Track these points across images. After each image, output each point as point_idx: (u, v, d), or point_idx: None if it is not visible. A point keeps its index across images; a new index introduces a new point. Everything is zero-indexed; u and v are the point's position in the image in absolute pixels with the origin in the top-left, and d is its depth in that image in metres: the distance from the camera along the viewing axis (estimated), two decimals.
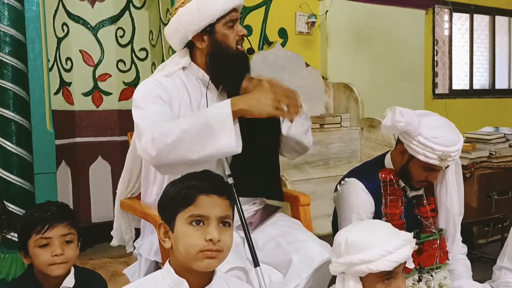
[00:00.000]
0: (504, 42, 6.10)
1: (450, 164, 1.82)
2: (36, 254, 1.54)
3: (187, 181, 1.25)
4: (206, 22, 1.74)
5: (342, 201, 1.97)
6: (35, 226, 1.53)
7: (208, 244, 1.18)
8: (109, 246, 2.08)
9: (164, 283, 1.23)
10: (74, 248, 1.59)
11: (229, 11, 1.76)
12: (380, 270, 1.36)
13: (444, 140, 1.78)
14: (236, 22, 1.80)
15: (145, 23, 3.51)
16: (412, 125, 1.78)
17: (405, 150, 1.87)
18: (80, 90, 3.40)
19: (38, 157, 2.57)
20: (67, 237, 1.57)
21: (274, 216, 1.89)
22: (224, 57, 1.78)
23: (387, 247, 1.38)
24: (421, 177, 1.88)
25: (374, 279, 1.39)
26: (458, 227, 2.02)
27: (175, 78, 1.81)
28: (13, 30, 2.45)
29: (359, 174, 1.99)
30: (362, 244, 1.40)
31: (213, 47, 1.78)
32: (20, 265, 2.42)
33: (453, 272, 1.98)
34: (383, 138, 3.64)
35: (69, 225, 1.58)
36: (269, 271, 1.71)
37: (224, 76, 1.80)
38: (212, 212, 1.20)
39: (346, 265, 1.40)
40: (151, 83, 1.78)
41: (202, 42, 1.78)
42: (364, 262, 1.37)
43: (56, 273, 1.54)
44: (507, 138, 3.92)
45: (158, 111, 1.67)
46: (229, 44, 1.78)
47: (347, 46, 4.41)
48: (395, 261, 1.37)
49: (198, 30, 1.75)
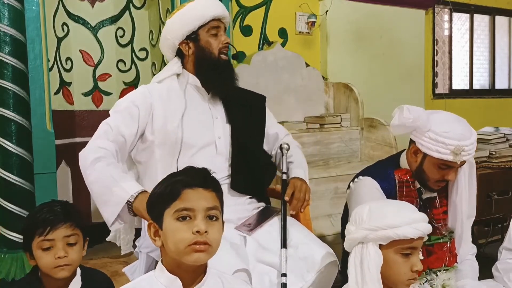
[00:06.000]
0: (504, 42, 6.10)
1: (465, 158, 1.78)
2: (39, 257, 1.52)
3: (172, 177, 1.28)
4: (189, 28, 1.93)
5: (355, 199, 1.94)
6: (37, 228, 1.51)
7: (195, 236, 1.18)
8: (109, 246, 2.08)
9: (158, 283, 1.24)
10: (78, 250, 1.56)
11: (209, 20, 1.94)
12: (406, 236, 1.37)
13: (455, 134, 1.75)
14: (219, 30, 1.97)
15: (145, 23, 3.50)
16: (420, 120, 1.76)
17: (418, 149, 1.84)
18: (80, 90, 3.40)
19: (38, 157, 2.57)
20: (71, 239, 1.54)
21: (276, 217, 1.89)
22: (208, 64, 1.95)
23: (412, 215, 1.40)
24: (437, 176, 1.84)
25: (394, 250, 1.39)
26: (467, 229, 1.99)
27: (166, 83, 1.97)
28: (13, 30, 2.45)
29: (373, 173, 1.95)
30: (388, 211, 1.41)
31: (198, 53, 1.96)
32: (20, 265, 2.42)
33: (459, 272, 1.96)
34: (383, 138, 3.64)
35: (73, 226, 1.55)
36: (269, 271, 1.71)
37: (210, 81, 1.97)
38: (198, 204, 1.21)
39: (370, 230, 1.39)
40: (138, 92, 1.95)
41: (188, 49, 1.96)
42: (390, 227, 1.37)
43: (60, 275, 1.52)
44: (507, 138, 3.91)
45: (113, 124, 1.84)
46: (212, 51, 1.95)
47: (347, 46, 4.41)
48: (420, 230, 1.38)
49: (183, 36, 1.94)
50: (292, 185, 1.90)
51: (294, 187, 1.89)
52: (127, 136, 1.85)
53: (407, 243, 1.39)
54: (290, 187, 1.90)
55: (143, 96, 1.91)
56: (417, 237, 1.39)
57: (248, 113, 2.04)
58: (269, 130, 2.12)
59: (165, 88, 1.95)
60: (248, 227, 1.82)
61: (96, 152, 1.76)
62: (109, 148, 1.79)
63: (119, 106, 1.91)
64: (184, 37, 1.94)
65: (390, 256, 1.40)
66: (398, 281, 1.41)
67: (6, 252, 2.45)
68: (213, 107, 2.00)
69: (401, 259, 1.40)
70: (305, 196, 1.89)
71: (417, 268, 1.40)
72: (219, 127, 1.97)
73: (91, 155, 1.75)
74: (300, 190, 1.89)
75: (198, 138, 1.91)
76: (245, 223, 1.85)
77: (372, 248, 1.39)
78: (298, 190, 1.89)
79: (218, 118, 1.98)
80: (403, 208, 1.45)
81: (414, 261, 1.40)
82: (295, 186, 1.90)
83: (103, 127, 1.86)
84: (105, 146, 1.79)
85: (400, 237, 1.37)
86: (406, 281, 1.41)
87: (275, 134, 2.14)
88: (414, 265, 1.40)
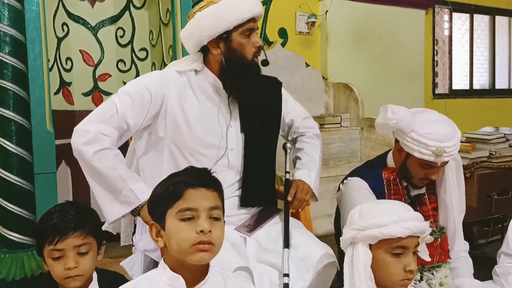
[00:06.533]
0: (504, 42, 6.10)
1: (447, 159, 1.80)
2: (50, 265, 1.45)
3: (173, 178, 1.26)
4: (222, 29, 1.74)
5: (346, 200, 1.96)
6: (47, 236, 1.43)
7: (199, 236, 1.19)
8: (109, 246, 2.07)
9: (160, 281, 1.24)
10: (90, 259, 1.47)
11: (246, 20, 1.75)
12: (392, 235, 1.34)
13: (438, 135, 1.76)
14: (253, 32, 1.79)
15: (145, 23, 3.50)
16: (403, 121, 1.78)
17: (402, 148, 1.86)
18: (80, 90, 3.39)
19: (38, 157, 2.57)
20: (82, 248, 1.45)
21: (275, 217, 1.90)
22: (238, 67, 1.78)
23: (400, 214, 1.37)
24: (421, 175, 1.87)
25: (384, 250, 1.37)
26: (459, 225, 2.01)
27: (183, 76, 1.82)
28: (13, 30, 2.44)
29: (362, 174, 1.98)
30: (376, 211, 1.40)
31: (228, 55, 1.78)
32: (20, 265, 2.42)
33: (454, 270, 1.97)
34: (383, 138, 3.65)
35: (84, 233, 1.45)
36: (269, 272, 1.71)
37: (235, 85, 1.80)
38: (201, 204, 1.21)
39: (358, 230, 1.38)
40: (153, 78, 1.80)
41: (217, 49, 1.78)
42: (376, 226, 1.35)
43: (71, 286, 1.45)
44: (507, 138, 3.92)
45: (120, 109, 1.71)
46: (245, 54, 1.78)
47: (347, 46, 4.41)
48: (408, 229, 1.34)
49: (214, 36, 1.75)
50: (295, 185, 1.91)
51: (297, 187, 1.90)
52: (132, 125, 1.73)
53: (395, 242, 1.36)
54: (293, 187, 1.90)
55: (158, 85, 1.76)
56: (405, 236, 1.35)
57: (263, 116, 1.91)
58: (285, 118, 2.05)
59: (183, 82, 1.81)
60: (248, 228, 1.82)
61: (100, 142, 1.64)
62: (113, 136, 1.68)
63: (131, 88, 1.77)
64: (215, 36, 1.76)
65: (380, 256, 1.38)
66: (391, 281, 1.38)
67: (6, 252, 2.45)
68: (229, 112, 1.86)
69: (391, 259, 1.37)
70: (306, 197, 1.90)
71: (410, 268, 1.35)
72: (232, 138, 1.85)
73: (95, 146, 1.63)
74: (302, 190, 1.90)
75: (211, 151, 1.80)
76: (245, 224, 1.84)
77: (361, 248, 1.38)
78: (300, 190, 1.89)
79: (232, 127, 1.86)
80: (393, 208, 1.42)
81: (407, 261, 1.36)
82: (298, 186, 1.90)
83: (109, 110, 1.71)
84: (110, 134, 1.67)
85: (386, 236, 1.34)
86: (399, 281, 1.37)
87: (290, 121, 2.08)
88: (407, 265, 1.36)
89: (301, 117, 2.10)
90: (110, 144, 1.66)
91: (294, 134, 2.11)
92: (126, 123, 1.72)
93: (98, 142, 1.64)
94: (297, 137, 2.11)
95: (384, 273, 1.38)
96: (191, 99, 1.80)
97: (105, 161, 1.64)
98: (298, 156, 2.06)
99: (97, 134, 1.65)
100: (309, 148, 2.06)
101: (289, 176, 2.01)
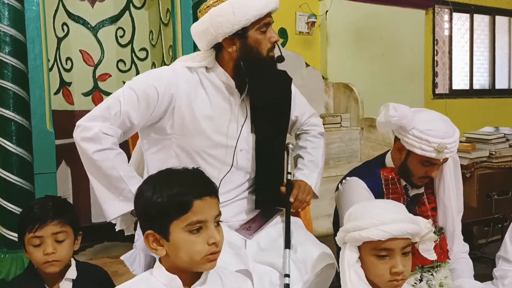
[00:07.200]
0: (504, 42, 6.10)
1: (448, 156, 1.82)
2: (31, 252, 1.57)
3: (174, 186, 1.19)
4: (239, 26, 1.65)
5: (344, 200, 1.96)
6: (28, 224, 1.55)
7: (211, 247, 1.19)
8: (109, 246, 2.08)
9: (157, 282, 1.23)
10: (67, 246, 1.58)
11: (264, 15, 1.68)
12: (371, 238, 1.35)
13: (439, 132, 1.79)
14: (269, 26, 1.72)
15: (145, 23, 3.50)
16: (405, 118, 1.80)
17: (402, 146, 1.87)
18: (80, 90, 3.39)
19: (38, 157, 2.57)
20: (59, 236, 1.56)
21: (276, 218, 1.89)
22: (254, 65, 1.71)
23: (381, 217, 1.36)
24: (421, 173, 1.88)
25: (369, 251, 1.38)
26: (458, 225, 2.02)
27: (194, 73, 1.75)
28: (13, 30, 2.44)
29: (360, 173, 1.98)
30: (360, 213, 1.42)
31: (243, 53, 1.70)
32: (20, 265, 2.42)
33: (454, 271, 1.98)
34: (383, 138, 3.65)
35: (61, 222, 1.57)
36: (269, 272, 1.71)
37: (252, 85, 1.73)
38: (209, 215, 1.20)
39: (345, 232, 1.42)
40: (163, 77, 1.72)
41: (233, 46, 1.70)
42: (356, 229, 1.38)
43: (49, 270, 1.57)
44: (507, 138, 3.92)
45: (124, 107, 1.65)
46: (260, 50, 1.71)
47: (347, 46, 4.41)
48: (387, 232, 1.34)
49: (230, 33, 1.66)
50: (298, 186, 1.90)
51: (299, 188, 1.89)
52: (136, 124, 1.68)
53: (380, 245, 1.36)
54: (295, 187, 1.89)
55: (167, 84, 1.69)
56: (385, 239, 1.34)
57: (275, 117, 1.88)
58: (291, 114, 2.01)
59: (193, 80, 1.74)
60: (249, 231, 1.81)
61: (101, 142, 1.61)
62: (116, 134, 1.65)
63: (139, 85, 1.69)
64: (231, 33, 1.67)
65: (367, 258, 1.40)
66: (379, 282, 1.39)
67: (6, 252, 2.45)
68: (240, 112, 1.81)
69: (377, 261, 1.38)
70: (306, 198, 1.90)
71: (396, 270, 1.35)
72: (242, 139, 1.80)
73: (96, 145, 1.60)
74: (303, 191, 1.89)
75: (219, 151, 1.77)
76: (245, 226, 1.83)
77: (348, 249, 1.42)
78: (301, 191, 1.89)
79: (243, 127, 1.80)
80: (378, 211, 1.40)
81: (393, 262, 1.36)
82: (300, 186, 1.90)
83: (113, 107, 1.65)
84: (112, 133, 1.63)
85: (365, 239, 1.36)
86: (386, 282, 1.38)
87: (295, 118, 2.04)
88: (392, 267, 1.36)
89: (307, 114, 2.07)
90: (112, 143, 1.63)
91: (298, 130, 2.09)
92: (129, 121, 1.67)
93: (99, 141, 1.61)
94: (300, 134, 2.09)
95: (372, 273, 1.40)
96: (201, 97, 1.74)
97: (106, 161, 1.62)
98: (301, 154, 2.04)
99: (99, 133, 1.61)
100: (313, 147, 2.04)
101: (290, 177, 2.00)
